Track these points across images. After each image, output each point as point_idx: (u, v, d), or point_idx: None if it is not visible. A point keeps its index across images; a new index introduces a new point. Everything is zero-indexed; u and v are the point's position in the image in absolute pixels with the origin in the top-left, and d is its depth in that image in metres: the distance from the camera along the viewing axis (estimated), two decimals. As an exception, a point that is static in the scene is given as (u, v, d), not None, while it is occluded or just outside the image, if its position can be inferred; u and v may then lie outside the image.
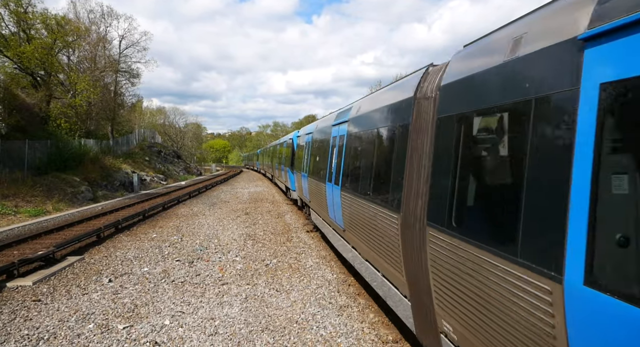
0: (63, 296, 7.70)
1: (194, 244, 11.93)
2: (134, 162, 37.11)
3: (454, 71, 4.05)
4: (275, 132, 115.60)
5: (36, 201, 19.26)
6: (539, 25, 2.91)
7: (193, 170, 56.86)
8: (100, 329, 6.20)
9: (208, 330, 6.17)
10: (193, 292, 7.88)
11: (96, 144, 32.91)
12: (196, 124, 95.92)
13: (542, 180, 2.54)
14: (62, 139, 27.02)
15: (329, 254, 10.80)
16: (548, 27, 2.77)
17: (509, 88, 3.01)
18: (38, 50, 25.71)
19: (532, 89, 2.74)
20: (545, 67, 2.65)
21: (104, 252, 11.04)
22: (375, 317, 6.70)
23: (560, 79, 2.47)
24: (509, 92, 2.99)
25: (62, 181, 22.83)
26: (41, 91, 28.16)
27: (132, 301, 7.36)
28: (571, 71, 2.38)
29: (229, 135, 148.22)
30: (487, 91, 3.36)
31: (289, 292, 7.82)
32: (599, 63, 2.20)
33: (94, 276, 8.87)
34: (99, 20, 37.59)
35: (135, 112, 54.58)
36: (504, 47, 3.20)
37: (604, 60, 2.18)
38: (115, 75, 39.08)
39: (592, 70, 2.23)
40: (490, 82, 3.33)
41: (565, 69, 2.44)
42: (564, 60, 2.47)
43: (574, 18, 2.47)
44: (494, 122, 3.34)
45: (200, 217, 17.09)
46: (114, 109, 38.75)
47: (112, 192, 26.37)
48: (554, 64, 2.58)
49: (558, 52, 2.54)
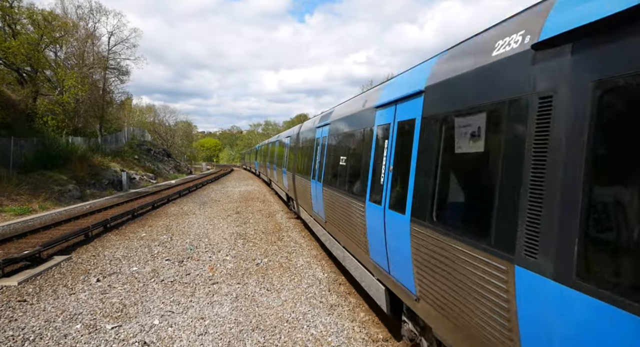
0: (49, 296, 7.58)
1: (184, 243, 11.83)
2: (123, 160, 36.67)
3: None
4: (266, 131, 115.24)
5: (22, 199, 18.92)
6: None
7: (183, 169, 56.39)
8: (87, 329, 6.11)
9: (198, 330, 6.12)
10: (183, 291, 7.81)
11: (84, 141, 32.44)
12: (187, 122, 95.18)
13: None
14: (49, 136, 26.56)
15: (320, 253, 10.79)
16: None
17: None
18: (24, 45, 25.21)
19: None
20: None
21: (92, 252, 10.89)
22: (366, 315, 6.70)
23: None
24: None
25: (49, 179, 22.46)
26: (27, 88, 27.66)
27: (121, 301, 7.26)
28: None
29: (219, 134, 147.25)
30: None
31: (279, 291, 7.80)
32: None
33: (82, 276, 8.74)
34: (88, 16, 37.06)
35: (125, 110, 53.91)
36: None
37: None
38: (104, 72, 38.48)
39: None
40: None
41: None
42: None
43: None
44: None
45: (191, 216, 16.95)
46: (103, 106, 38.23)
47: (100, 191, 26.03)
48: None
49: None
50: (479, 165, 3.32)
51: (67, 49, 34.48)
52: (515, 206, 2.71)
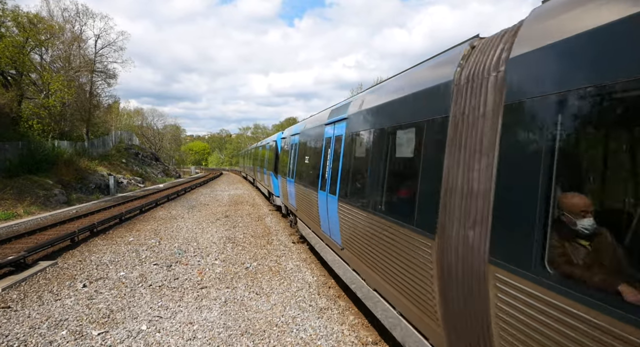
0: (34, 302, 7.45)
1: (172, 248, 11.73)
2: (110, 164, 36.23)
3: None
4: (255, 135, 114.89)
5: (6, 204, 18.57)
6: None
7: (172, 173, 55.91)
8: (73, 335, 6.02)
9: (186, 335, 6.07)
10: (171, 296, 7.74)
11: (70, 145, 31.99)
12: (175, 126, 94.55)
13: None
14: (34, 140, 26.14)
15: (310, 257, 10.79)
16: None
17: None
18: (9, 48, 24.81)
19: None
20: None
21: (79, 257, 10.73)
22: (355, 319, 6.73)
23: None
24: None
25: (34, 183, 22.08)
26: (12, 91, 27.20)
27: (108, 306, 7.18)
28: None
29: (208, 138, 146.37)
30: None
31: (269, 295, 7.78)
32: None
33: (68, 281, 8.61)
34: (74, 19, 36.64)
35: (112, 114, 53.24)
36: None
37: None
38: (91, 76, 38.05)
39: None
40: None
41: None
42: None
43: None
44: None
45: (179, 220, 16.82)
46: (90, 110, 37.72)
47: (87, 195, 25.67)
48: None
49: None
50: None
51: (53, 52, 34.04)
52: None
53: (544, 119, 2.57)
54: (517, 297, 2.65)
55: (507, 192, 2.85)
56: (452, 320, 3.50)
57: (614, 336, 1.99)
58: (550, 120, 2.52)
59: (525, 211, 2.64)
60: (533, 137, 2.65)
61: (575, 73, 2.39)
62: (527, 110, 2.71)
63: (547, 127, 2.54)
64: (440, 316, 3.67)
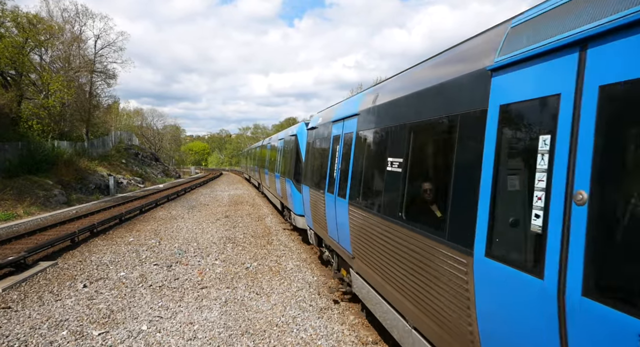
0: (35, 302, 7.46)
1: (172, 248, 11.74)
2: (110, 164, 36.24)
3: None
4: (255, 135, 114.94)
5: (6, 204, 18.57)
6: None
7: (171, 173, 55.92)
8: (74, 335, 6.03)
9: (187, 335, 6.08)
10: (171, 296, 7.75)
11: (70, 146, 31.98)
12: (175, 126, 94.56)
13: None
14: (34, 140, 26.15)
15: (310, 257, 10.80)
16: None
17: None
18: (8, 48, 24.80)
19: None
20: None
21: (79, 257, 10.74)
22: (356, 318, 6.74)
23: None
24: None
25: (34, 183, 22.08)
26: (11, 91, 27.20)
27: (108, 307, 7.18)
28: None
29: (208, 138, 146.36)
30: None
31: (269, 295, 7.79)
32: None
33: (68, 282, 8.62)
34: (74, 19, 36.66)
35: (112, 114, 53.27)
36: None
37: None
38: (91, 76, 38.05)
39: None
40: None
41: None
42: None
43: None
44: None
45: (179, 221, 16.82)
46: (89, 110, 37.72)
47: (87, 196, 25.68)
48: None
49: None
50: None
51: (53, 53, 34.04)
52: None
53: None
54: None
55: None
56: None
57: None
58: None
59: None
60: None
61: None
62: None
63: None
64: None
